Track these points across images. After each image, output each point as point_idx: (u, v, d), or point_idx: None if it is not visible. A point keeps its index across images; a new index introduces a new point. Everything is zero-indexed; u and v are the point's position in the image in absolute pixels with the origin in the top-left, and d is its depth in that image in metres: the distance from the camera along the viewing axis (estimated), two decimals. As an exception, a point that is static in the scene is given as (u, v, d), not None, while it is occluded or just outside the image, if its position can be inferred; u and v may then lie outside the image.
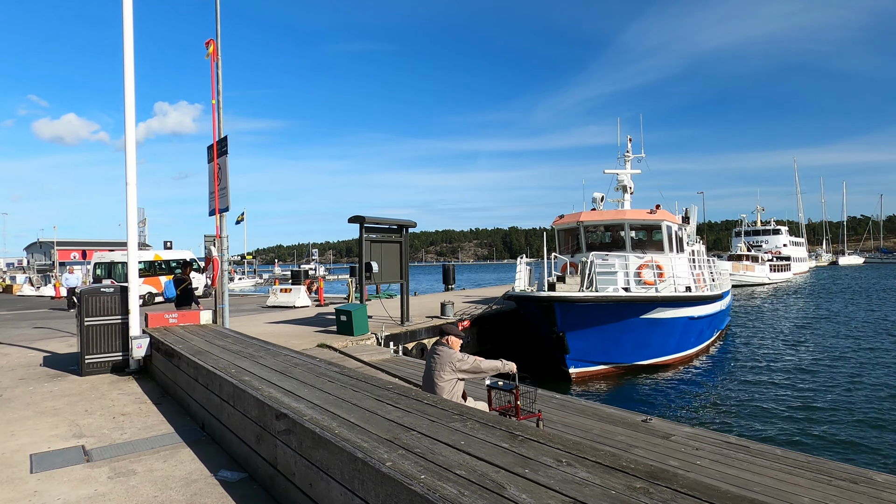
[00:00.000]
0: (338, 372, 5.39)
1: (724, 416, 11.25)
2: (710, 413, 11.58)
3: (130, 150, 8.91)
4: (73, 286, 22.48)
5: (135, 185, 8.95)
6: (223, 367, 5.68)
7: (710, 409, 11.87)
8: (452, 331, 5.80)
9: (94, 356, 8.87)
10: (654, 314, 15.22)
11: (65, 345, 12.40)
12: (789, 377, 14.86)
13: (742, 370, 16.04)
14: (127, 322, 8.98)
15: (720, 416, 11.31)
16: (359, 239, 13.84)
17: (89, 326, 8.83)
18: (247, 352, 6.77)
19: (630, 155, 20.93)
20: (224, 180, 9.98)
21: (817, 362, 16.69)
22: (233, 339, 8.00)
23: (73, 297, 22.35)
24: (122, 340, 9.03)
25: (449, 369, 5.52)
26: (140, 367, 8.92)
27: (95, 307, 8.88)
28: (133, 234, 8.90)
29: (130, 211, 8.87)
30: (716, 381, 14.70)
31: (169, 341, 7.75)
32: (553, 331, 14.27)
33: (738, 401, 12.54)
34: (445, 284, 33.50)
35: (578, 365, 14.98)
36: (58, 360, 10.30)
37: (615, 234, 18.72)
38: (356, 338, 12.80)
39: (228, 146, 9.93)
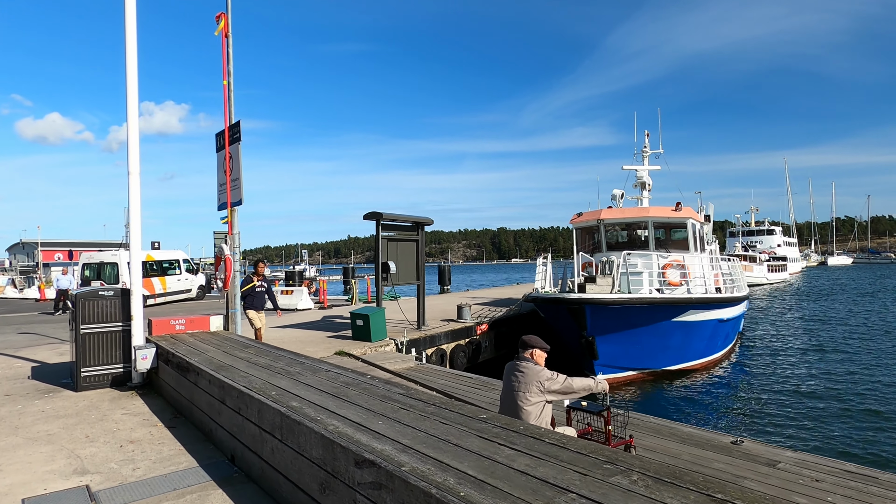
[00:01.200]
0: (403, 394, 4.41)
1: (781, 430, 10.40)
2: (763, 424, 10.72)
3: (133, 137, 7.87)
4: (65, 288, 21.22)
5: (138, 174, 7.90)
6: (259, 389, 4.67)
7: (761, 421, 11.01)
8: (537, 343, 4.84)
9: (92, 368, 7.80)
10: (685, 317, 14.39)
11: (55, 353, 11.28)
12: (825, 384, 14.07)
13: (773, 376, 15.23)
14: (129, 330, 7.92)
15: (777, 429, 10.45)
16: (375, 237, 12.83)
17: (86, 335, 7.76)
18: (278, 366, 5.77)
19: (648, 150, 20.10)
20: (236, 170, 8.95)
21: (849, 367, 15.93)
22: (255, 349, 6.98)
23: (62, 300, 21.11)
24: (124, 350, 7.97)
25: (536, 390, 4.57)
26: (144, 381, 7.87)
27: (93, 313, 7.81)
28: (136, 229, 7.85)
29: (133, 203, 7.82)
30: (752, 388, 13.89)
31: (181, 353, 6.71)
32: (582, 335, 13.37)
33: (788, 411, 11.70)
34: (441, 285, 32.49)
35: (607, 371, 14.06)
36: (48, 372, 9.21)
37: (631, 232, 17.89)
38: (374, 344, 11.80)
39: (241, 132, 8.90)
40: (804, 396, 12.96)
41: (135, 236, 7.84)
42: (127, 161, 7.85)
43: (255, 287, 10.15)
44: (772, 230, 77.17)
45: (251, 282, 10.10)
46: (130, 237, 7.82)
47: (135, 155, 7.85)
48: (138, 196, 7.86)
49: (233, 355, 6.52)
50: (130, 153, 7.84)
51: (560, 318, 14.15)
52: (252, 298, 10.01)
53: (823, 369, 15.76)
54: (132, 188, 7.81)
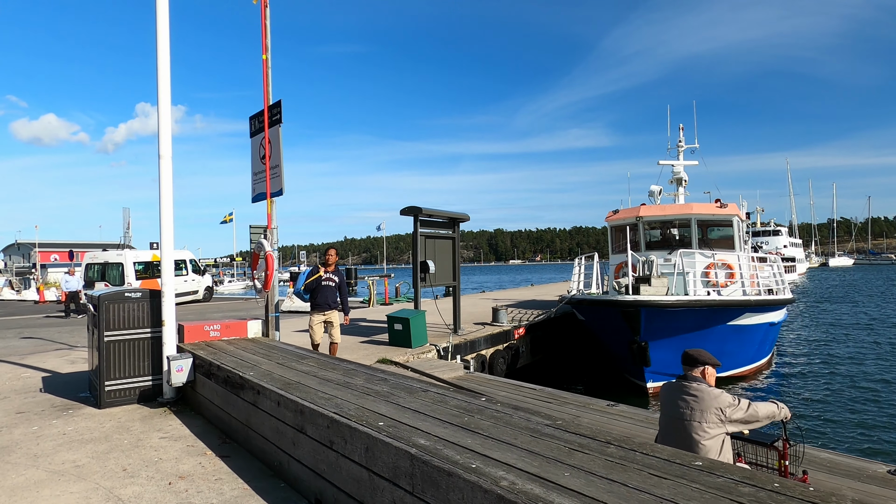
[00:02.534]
0: (550, 425, 3.41)
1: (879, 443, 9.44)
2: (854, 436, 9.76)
3: (165, 116, 6.85)
4: (74, 290, 20.07)
5: (169, 158, 6.88)
6: (358, 417, 3.67)
7: (849, 433, 10.05)
8: (707, 358, 3.84)
9: (117, 382, 6.76)
10: (741, 320, 13.44)
11: (65, 361, 10.22)
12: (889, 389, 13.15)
13: (828, 381, 14.29)
14: (159, 337, 6.89)
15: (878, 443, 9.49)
16: (413, 233, 11.83)
17: (111, 343, 6.72)
18: (357, 383, 4.75)
19: (683, 145, 19.15)
20: (276, 156, 7.93)
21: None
22: (315, 361, 5.96)
23: (73, 303, 19.95)
24: (153, 361, 6.94)
25: (716, 419, 3.57)
26: (177, 397, 6.84)
27: (118, 317, 6.77)
28: (167, 219, 6.82)
29: (164, 191, 6.79)
30: (815, 396, 12.94)
31: (228, 364, 5.69)
32: (634, 340, 12.40)
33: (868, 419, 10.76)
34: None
35: (657, 378, 13.10)
36: (62, 384, 8.16)
37: (665, 231, 16.94)
38: (414, 350, 10.79)
39: (282, 113, 7.88)
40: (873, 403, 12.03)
41: (166, 227, 6.81)
42: (158, 144, 6.83)
43: (322, 279, 8.31)
44: (778, 231, 76.51)
45: (316, 272, 8.28)
46: (162, 228, 6.79)
47: (166, 136, 6.83)
48: (170, 183, 6.84)
49: (292, 368, 5.50)
50: (161, 134, 6.82)
51: (606, 321, 13.17)
52: (317, 294, 8.27)
53: (882, 374, 14.84)
54: (163, 174, 6.79)
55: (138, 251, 22.47)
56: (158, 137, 6.82)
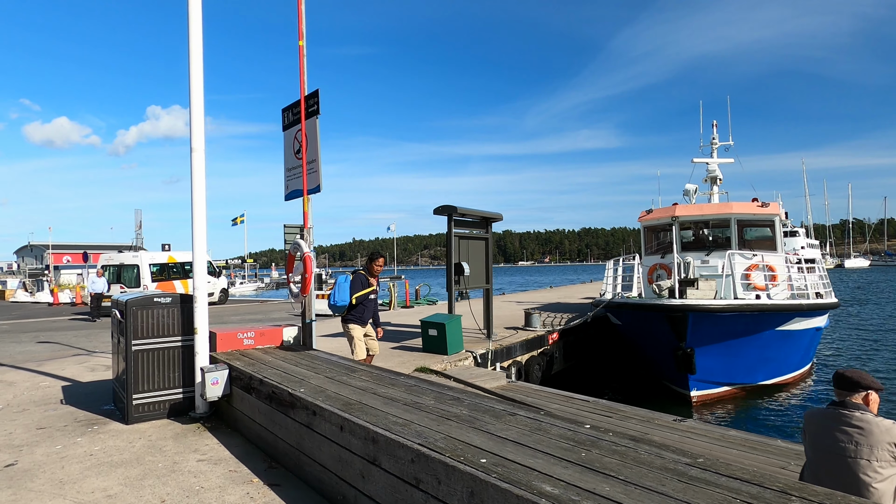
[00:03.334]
0: (689, 463, 2.80)
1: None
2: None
3: (197, 105, 6.29)
4: (100, 291, 19.62)
5: (202, 151, 6.32)
6: (449, 450, 3.06)
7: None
8: (871, 382, 3.20)
9: (146, 395, 6.20)
10: (789, 325, 12.75)
11: (84, 368, 9.70)
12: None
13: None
14: (191, 346, 6.33)
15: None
16: (447, 234, 11.24)
17: (139, 352, 6.16)
18: (427, 403, 4.15)
19: (717, 142, 18.44)
20: (313, 150, 7.35)
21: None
22: (367, 374, 5.37)
23: (99, 305, 19.47)
24: (184, 371, 6.38)
25: (889, 456, 2.94)
26: (210, 412, 6.27)
27: (147, 324, 6.22)
28: (200, 213, 6.25)
29: (197, 184, 6.23)
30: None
31: (272, 378, 5.11)
32: (680, 346, 11.73)
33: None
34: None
35: (702, 387, 12.46)
36: (84, 395, 7.62)
37: (697, 231, 16.23)
38: (451, 357, 10.20)
39: (320, 104, 7.30)
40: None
41: (199, 225, 6.23)
42: (190, 136, 6.27)
43: (370, 294, 7.48)
44: (795, 231, 74.97)
45: (368, 285, 7.43)
46: (194, 225, 6.22)
47: (199, 128, 6.27)
48: (202, 177, 6.27)
49: (346, 384, 4.91)
50: (193, 126, 6.26)
51: (647, 326, 12.52)
52: (364, 309, 7.39)
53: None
54: (195, 168, 6.22)
55: (154, 253, 22.04)
56: (190, 129, 6.27)
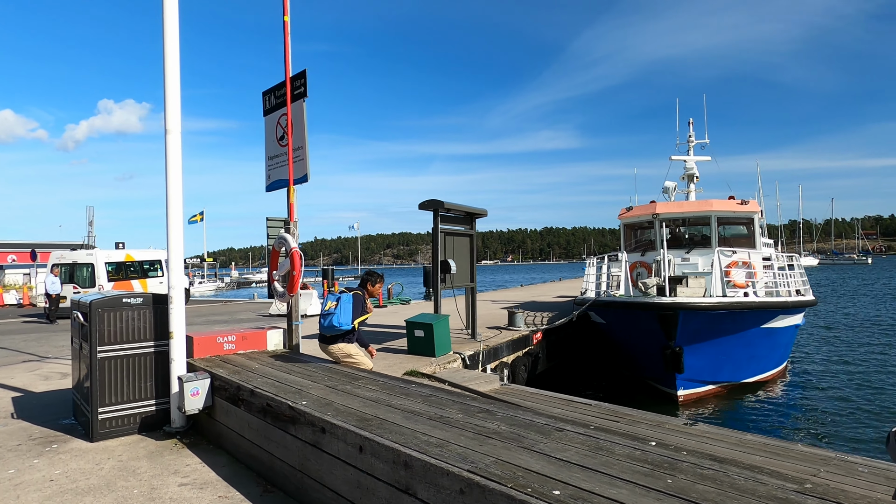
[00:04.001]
0: (799, 490, 2.38)
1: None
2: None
3: (172, 85, 5.61)
4: (57, 292, 18.37)
5: (178, 133, 5.64)
6: (508, 478, 2.56)
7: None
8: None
9: (114, 408, 5.49)
10: (773, 322, 12.71)
11: (37, 376, 8.81)
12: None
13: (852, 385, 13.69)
14: (165, 351, 5.65)
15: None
16: (433, 230, 10.73)
17: (106, 360, 5.45)
18: (454, 417, 3.64)
19: (693, 140, 18.45)
20: (300, 136, 6.73)
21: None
22: (369, 381, 4.81)
23: (55, 307, 18.26)
24: (157, 381, 5.69)
25: None
26: (189, 425, 5.60)
27: (115, 329, 5.50)
28: (176, 205, 5.57)
29: (172, 171, 5.55)
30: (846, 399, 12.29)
31: (265, 389, 4.50)
32: (668, 345, 11.51)
33: None
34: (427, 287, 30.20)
35: (689, 386, 12.29)
36: (39, 406, 6.81)
37: (674, 229, 16.16)
38: (439, 359, 9.69)
39: (307, 85, 6.69)
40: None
41: (174, 215, 5.55)
42: (164, 116, 5.58)
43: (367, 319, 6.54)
44: (752, 231, 77.45)
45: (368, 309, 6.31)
46: (169, 217, 5.54)
47: (174, 106, 5.59)
48: (178, 163, 5.59)
49: (352, 394, 4.35)
50: (168, 103, 5.58)
51: (633, 325, 12.27)
52: (359, 333, 6.44)
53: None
54: (171, 151, 5.54)
55: (110, 251, 20.80)
56: (165, 108, 5.58)
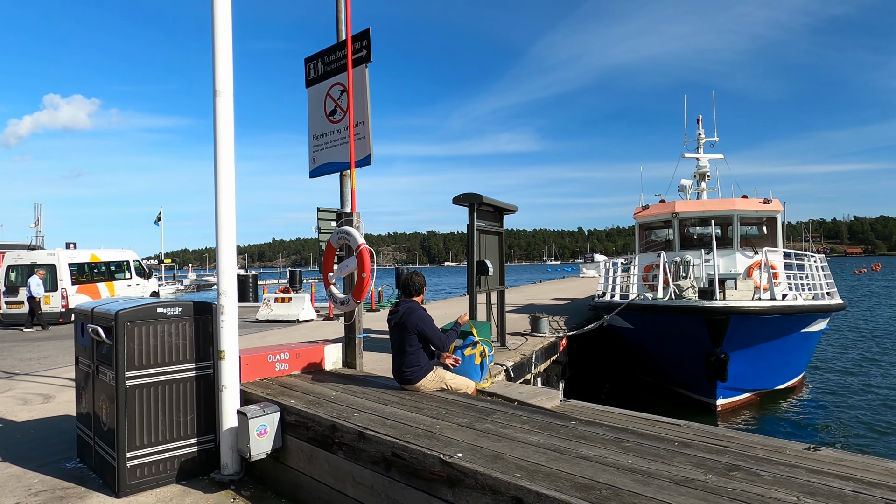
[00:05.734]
0: None
1: None
2: None
3: (223, 39, 4.37)
4: (38, 296, 16.41)
5: (230, 95, 4.40)
6: None
7: None
8: None
9: (147, 451, 4.20)
10: (811, 326, 12.10)
11: (13, 399, 7.31)
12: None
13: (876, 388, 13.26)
14: (209, 375, 4.40)
15: None
16: (468, 227, 9.63)
17: (136, 388, 4.17)
18: (696, 477, 2.59)
19: (703, 137, 17.87)
20: (362, 109, 5.55)
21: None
22: (502, 415, 3.69)
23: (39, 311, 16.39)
24: (198, 413, 4.42)
25: None
26: (243, 470, 4.35)
27: (148, 347, 4.22)
28: (227, 184, 4.33)
29: (222, 139, 4.31)
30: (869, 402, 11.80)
31: (378, 430, 3.33)
32: (713, 352, 10.73)
33: None
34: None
35: (728, 394, 11.55)
36: (28, 443, 5.41)
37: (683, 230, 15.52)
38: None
39: (371, 48, 5.51)
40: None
41: (225, 192, 4.30)
42: (213, 76, 4.33)
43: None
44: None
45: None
46: (219, 191, 4.28)
47: (225, 61, 4.35)
48: (230, 129, 4.35)
49: (504, 436, 3.22)
50: (218, 57, 4.33)
51: (673, 330, 11.43)
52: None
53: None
54: (221, 117, 4.30)
55: (74, 251, 18.86)
56: (214, 65, 4.33)
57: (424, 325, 4.50)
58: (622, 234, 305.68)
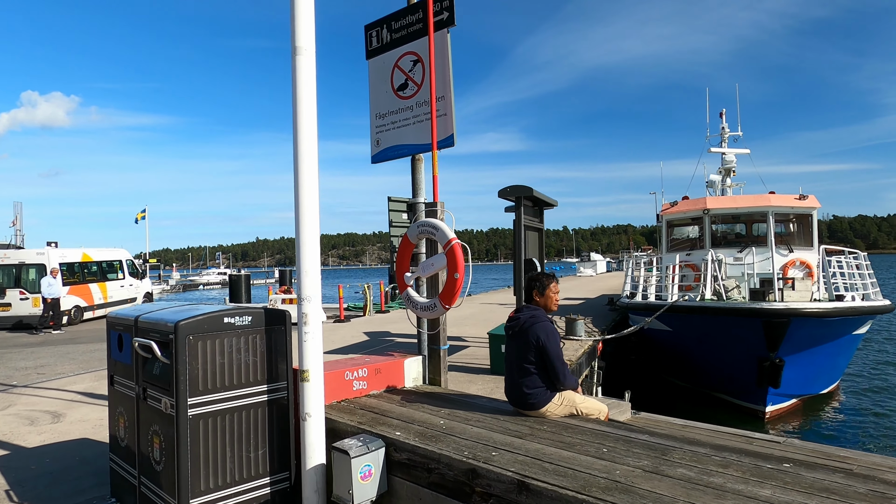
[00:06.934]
0: None
1: None
2: None
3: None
4: (56, 296, 15.25)
5: (312, 53, 3.57)
6: None
7: None
8: None
9: (213, 497, 3.36)
10: (861, 329, 11.52)
11: (16, 418, 6.37)
12: None
13: None
14: (281, 399, 3.58)
15: None
16: (515, 222, 8.86)
17: (201, 418, 3.32)
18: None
19: (727, 131, 17.27)
20: (444, 83, 4.74)
21: None
22: (680, 452, 2.92)
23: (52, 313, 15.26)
24: (273, 446, 3.59)
25: None
26: (333, 517, 3.53)
27: (215, 366, 3.38)
28: (309, 157, 3.50)
29: (304, 99, 3.48)
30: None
31: (551, 482, 2.55)
32: (769, 356, 10.07)
33: None
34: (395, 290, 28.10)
35: (777, 400, 10.93)
36: (47, 476, 4.52)
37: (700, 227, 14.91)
38: (535, 381, 7.83)
39: (454, 10, 4.71)
40: None
41: (307, 172, 3.46)
42: (292, 30, 3.50)
43: None
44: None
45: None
46: (300, 165, 3.44)
47: (307, 14, 3.52)
48: (312, 89, 3.52)
49: (705, 485, 2.46)
50: (298, 12, 3.50)
51: (721, 333, 10.74)
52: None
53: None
54: (302, 77, 3.47)
55: (64, 250, 17.73)
56: (293, 15, 3.50)
57: (548, 342, 3.68)
58: (606, 234, 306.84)
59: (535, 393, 3.66)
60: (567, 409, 3.73)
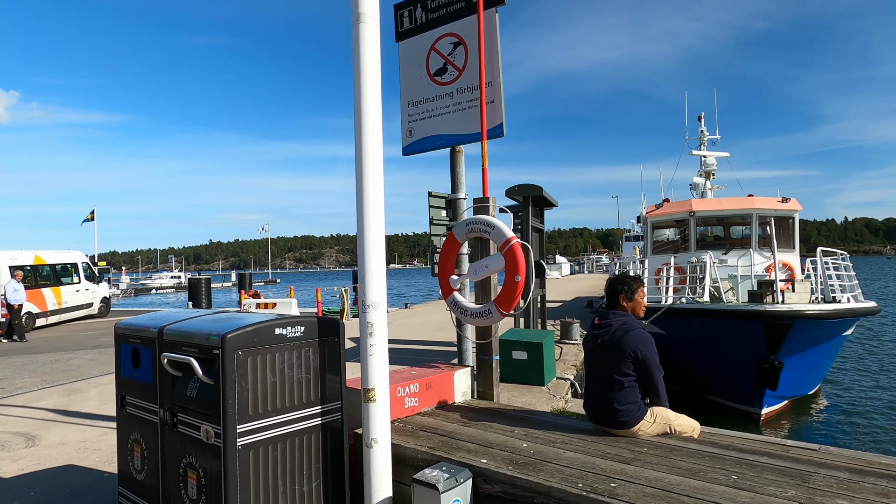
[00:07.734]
0: None
1: None
2: None
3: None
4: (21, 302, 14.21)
5: (377, 21, 3.08)
6: None
7: None
8: None
9: (267, 543, 2.83)
10: (849, 330, 11.64)
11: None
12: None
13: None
14: (335, 422, 3.08)
15: None
16: (522, 223, 8.51)
17: (251, 448, 2.79)
18: None
19: (706, 135, 17.43)
20: (493, 66, 4.31)
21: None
22: (832, 480, 2.59)
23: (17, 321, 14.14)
24: (327, 477, 3.09)
25: None
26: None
27: (265, 386, 2.86)
28: (374, 137, 3.00)
29: (367, 75, 2.99)
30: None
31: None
32: (769, 359, 10.00)
33: None
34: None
35: (771, 402, 10.91)
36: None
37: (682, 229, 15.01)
38: (549, 388, 7.52)
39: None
40: None
41: (373, 157, 2.97)
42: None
43: None
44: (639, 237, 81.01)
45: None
46: (364, 144, 2.95)
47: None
48: (376, 59, 3.04)
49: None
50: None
51: (718, 335, 10.66)
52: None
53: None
54: (366, 47, 2.99)
55: (15, 252, 16.41)
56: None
57: (648, 353, 3.30)
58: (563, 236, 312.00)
59: (628, 409, 3.27)
60: (661, 427, 3.35)
